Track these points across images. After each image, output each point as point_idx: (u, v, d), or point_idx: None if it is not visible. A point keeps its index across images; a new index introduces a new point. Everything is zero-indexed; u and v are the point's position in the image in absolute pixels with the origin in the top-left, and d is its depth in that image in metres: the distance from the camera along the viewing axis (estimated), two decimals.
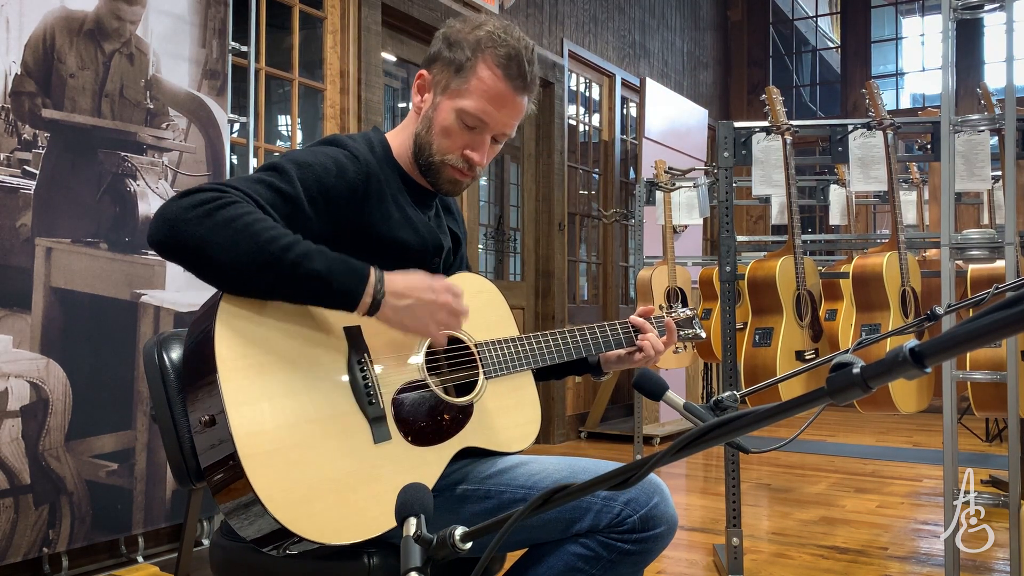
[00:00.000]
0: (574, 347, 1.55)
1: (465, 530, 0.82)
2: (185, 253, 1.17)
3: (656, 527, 1.32)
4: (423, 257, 1.44)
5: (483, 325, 1.47)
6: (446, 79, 1.41)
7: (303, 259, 1.17)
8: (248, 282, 1.18)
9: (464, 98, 1.40)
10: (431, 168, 1.44)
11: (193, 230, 1.15)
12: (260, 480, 1.13)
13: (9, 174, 2.39)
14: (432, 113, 1.43)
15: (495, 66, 1.39)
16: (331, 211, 1.32)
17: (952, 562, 2.38)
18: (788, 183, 2.93)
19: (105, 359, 2.60)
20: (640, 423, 4.66)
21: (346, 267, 1.22)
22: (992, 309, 0.57)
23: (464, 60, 1.40)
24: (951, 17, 2.45)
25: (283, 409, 1.18)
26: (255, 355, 1.19)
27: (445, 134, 1.42)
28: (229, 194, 1.19)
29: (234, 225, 1.15)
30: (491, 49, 1.40)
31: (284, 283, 1.19)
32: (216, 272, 1.17)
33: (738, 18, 8.48)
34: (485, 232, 5.40)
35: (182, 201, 1.17)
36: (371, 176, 1.37)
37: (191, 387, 1.21)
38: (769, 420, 0.69)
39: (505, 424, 1.45)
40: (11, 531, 2.34)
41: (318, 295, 1.22)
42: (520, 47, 1.41)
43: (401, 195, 1.43)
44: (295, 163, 1.30)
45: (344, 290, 1.21)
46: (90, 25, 2.60)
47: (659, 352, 1.61)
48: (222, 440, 1.14)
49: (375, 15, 4.06)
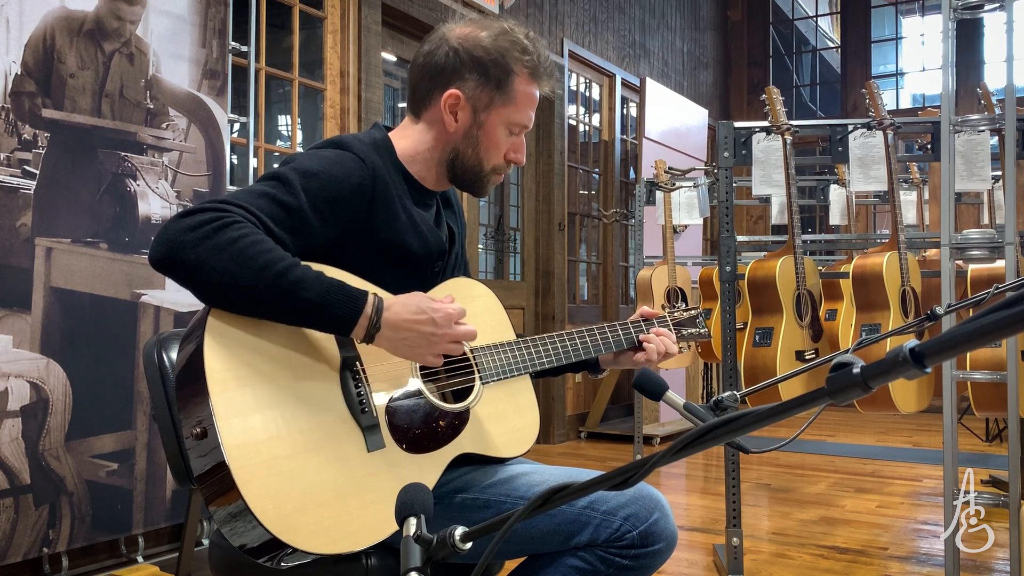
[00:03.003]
0: (572, 350, 1.54)
1: (465, 530, 0.82)
2: (183, 274, 1.18)
3: (655, 543, 1.32)
4: (427, 262, 1.44)
5: (479, 330, 1.47)
6: (488, 96, 1.43)
7: (297, 286, 1.17)
8: (243, 305, 1.19)
9: (512, 113, 1.44)
10: (478, 179, 1.47)
11: (191, 252, 1.15)
12: (252, 492, 1.12)
13: (9, 174, 2.39)
14: (478, 132, 1.44)
15: (528, 74, 1.44)
16: (338, 217, 1.32)
17: (952, 562, 2.38)
18: (788, 183, 2.93)
19: (105, 359, 2.60)
20: (640, 423, 4.66)
21: (342, 296, 1.21)
22: (992, 309, 0.57)
23: (503, 76, 1.42)
24: (951, 17, 2.45)
25: (275, 420, 1.18)
26: (245, 367, 1.19)
27: (495, 147, 1.45)
28: (230, 214, 1.19)
29: (231, 249, 1.16)
30: (521, 58, 1.43)
31: (278, 309, 1.19)
32: (212, 294, 1.18)
33: (738, 18, 8.48)
34: (485, 232, 5.40)
35: (182, 222, 1.18)
36: (377, 179, 1.36)
37: (182, 400, 1.21)
38: (769, 420, 0.69)
39: (502, 429, 1.44)
40: (11, 531, 2.34)
41: (312, 323, 1.22)
42: (540, 49, 1.46)
43: (406, 197, 1.43)
44: (299, 172, 1.29)
45: (338, 320, 1.21)
46: (90, 25, 2.60)
47: (662, 356, 1.61)
48: (213, 453, 1.13)
49: (375, 15, 4.06)
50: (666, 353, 1.62)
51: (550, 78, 1.47)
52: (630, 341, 1.61)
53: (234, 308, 1.20)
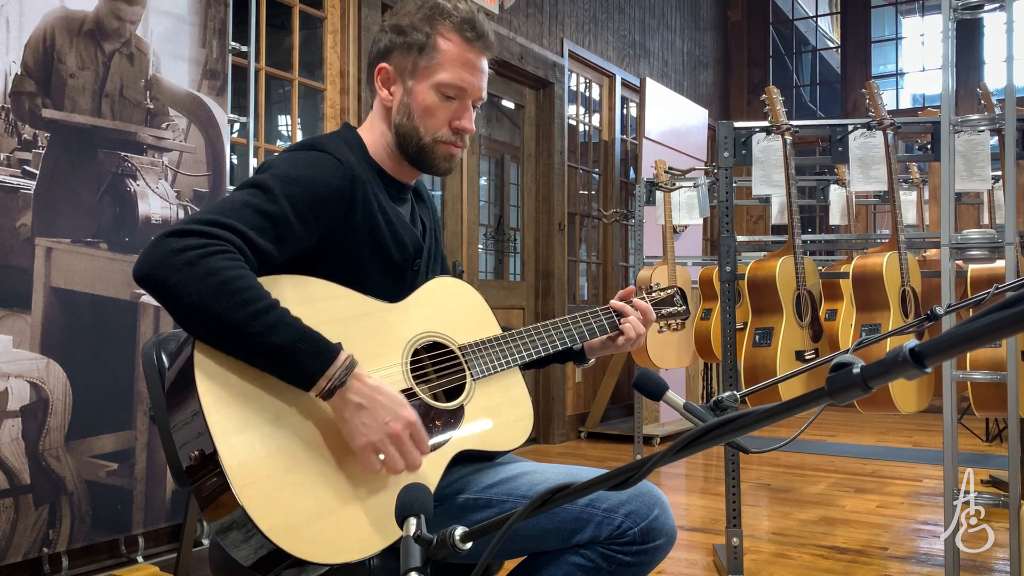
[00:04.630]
0: (558, 339, 1.54)
1: (465, 530, 0.82)
2: (159, 295, 1.17)
3: (656, 539, 1.33)
4: (406, 262, 1.44)
5: (464, 327, 1.47)
6: (411, 63, 1.41)
7: (269, 330, 1.15)
8: (211, 338, 1.17)
9: (437, 73, 1.40)
10: (423, 152, 1.43)
11: (171, 276, 1.15)
12: (256, 508, 1.12)
13: (9, 174, 2.39)
14: (408, 99, 1.42)
15: (454, 33, 1.41)
16: (319, 221, 1.31)
17: (952, 562, 2.38)
18: (788, 183, 2.93)
19: (105, 359, 2.60)
20: (640, 423, 4.66)
21: (312, 347, 1.17)
22: (992, 309, 0.57)
23: (424, 39, 1.40)
24: (951, 17, 2.45)
25: (272, 435, 1.18)
26: (237, 383, 1.18)
27: (429, 114, 1.42)
28: (216, 242, 1.18)
29: (211, 280, 1.14)
30: (445, 19, 1.41)
31: (244, 348, 1.17)
32: (184, 321, 1.17)
33: (738, 18, 8.47)
34: (485, 232, 5.40)
35: (170, 242, 1.17)
36: (356, 179, 1.36)
37: (176, 419, 1.20)
38: (769, 420, 0.69)
39: (498, 424, 1.44)
40: (11, 531, 2.34)
41: (275, 369, 1.19)
42: (470, 10, 1.43)
43: (382, 194, 1.43)
44: (279, 178, 1.29)
45: (302, 372, 1.18)
46: (90, 25, 2.60)
47: (640, 334, 1.61)
48: (215, 474, 1.13)
49: (375, 15, 4.06)
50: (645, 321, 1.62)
51: (480, 38, 1.42)
52: (613, 325, 1.61)
53: (206, 338, 1.18)
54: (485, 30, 1.43)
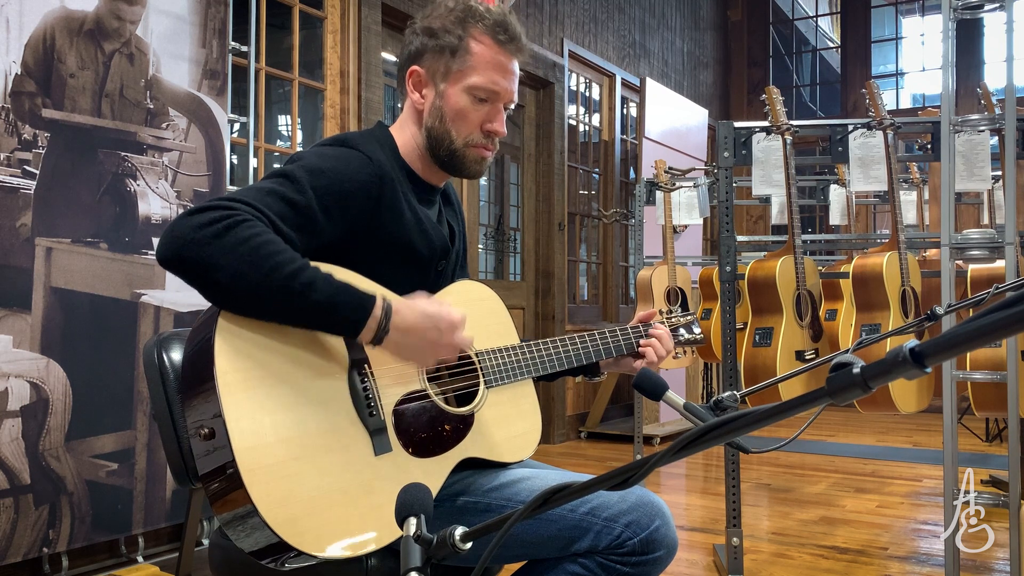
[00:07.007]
0: (575, 355, 1.54)
1: (465, 530, 0.82)
2: (191, 273, 1.16)
3: (656, 551, 1.31)
4: (431, 261, 1.44)
5: (484, 333, 1.46)
6: (444, 66, 1.41)
7: (308, 288, 1.16)
8: (251, 306, 1.17)
9: (470, 76, 1.40)
10: (454, 156, 1.44)
11: (200, 251, 1.14)
12: (260, 494, 1.12)
13: (9, 174, 2.39)
14: (440, 102, 1.42)
15: (486, 36, 1.41)
16: (345, 216, 1.31)
17: (952, 562, 2.38)
18: (788, 183, 2.93)
19: (105, 359, 2.60)
20: (640, 423, 4.66)
21: (351, 299, 1.20)
22: (992, 309, 0.57)
23: (457, 41, 1.40)
24: (951, 17, 2.45)
25: (283, 422, 1.18)
26: (254, 367, 1.18)
27: (461, 117, 1.42)
28: (239, 212, 1.17)
29: (241, 249, 1.14)
30: (478, 22, 1.41)
31: (287, 311, 1.18)
32: (220, 295, 1.17)
33: (738, 18, 8.47)
34: (485, 232, 5.40)
35: (191, 219, 1.16)
36: (384, 177, 1.35)
37: (190, 399, 1.20)
38: (769, 420, 0.69)
39: (506, 434, 1.44)
40: (11, 531, 2.34)
41: (321, 325, 1.21)
42: (502, 12, 1.43)
43: (410, 194, 1.42)
44: (307, 170, 1.28)
45: (347, 322, 1.20)
46: (90, 25, 2.60)
47: (662, 358, 1.61)
48: (222, 455, 1.13)
49: (375, 15, 4.06)
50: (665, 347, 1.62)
51: (513, 40, 1.42)
52: (630, 346, 1.60)
53: (241, 309, 1.18)
54: (518, 32, 1.43)
